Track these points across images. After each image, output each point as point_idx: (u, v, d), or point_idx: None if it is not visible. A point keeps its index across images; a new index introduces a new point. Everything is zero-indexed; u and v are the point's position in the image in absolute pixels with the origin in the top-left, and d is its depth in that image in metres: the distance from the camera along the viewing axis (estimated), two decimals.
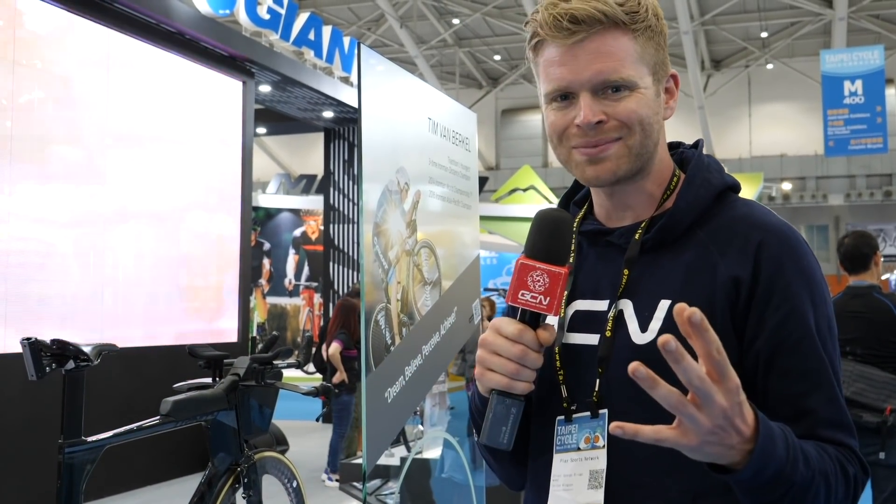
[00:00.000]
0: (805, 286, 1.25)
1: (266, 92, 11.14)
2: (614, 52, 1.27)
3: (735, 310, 1.24)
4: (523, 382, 1.24)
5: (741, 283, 1.24)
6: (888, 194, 31.02)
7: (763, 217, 1.30)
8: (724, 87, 31.42)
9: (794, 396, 1.21)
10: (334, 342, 7.80)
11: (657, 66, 1.33)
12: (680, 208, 1.31)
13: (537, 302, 1.22)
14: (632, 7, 1.28)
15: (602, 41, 1.26)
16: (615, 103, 1.27)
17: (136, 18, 7.94)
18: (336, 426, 7.95)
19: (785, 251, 1.25)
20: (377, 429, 3.33)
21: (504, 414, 1.25)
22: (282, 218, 20.87)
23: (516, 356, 1.23)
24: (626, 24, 1.27)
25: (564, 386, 1.33)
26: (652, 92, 1.30)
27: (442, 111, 4.01)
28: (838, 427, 1.22)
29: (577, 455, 1.30)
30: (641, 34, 1.29)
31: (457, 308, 4.13)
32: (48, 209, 6.93)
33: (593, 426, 1.29)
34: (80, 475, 3.27)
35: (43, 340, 3.31)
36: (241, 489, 3.98)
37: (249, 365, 4.00)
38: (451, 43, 30.06)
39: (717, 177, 1.35)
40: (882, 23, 27.61)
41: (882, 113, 19.11)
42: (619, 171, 1.29)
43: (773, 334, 1.23)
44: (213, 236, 9.04)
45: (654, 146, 1.32)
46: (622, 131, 1.28)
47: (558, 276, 1.21)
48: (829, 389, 1.22)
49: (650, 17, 1.31)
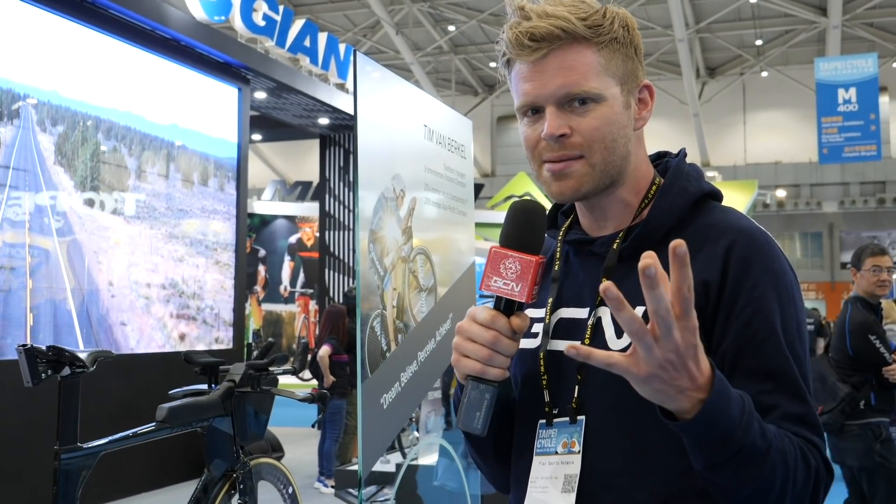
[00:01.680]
0: (772, 287, 1.25)
1: (261, 98, 11.15)
2: (577, 65, 1.28)
3: (705, 313, 1.24)
4: (496, 368, 1.26)
5: (710, 286, 1.25)
6: (882, 201, 31.12)
7: (734, 221, 1.31)
8: (719, 94, 31.51)
9: (758, 394, 1.21)
10: (324, 346, 7.85)
11: (626, 77, 1.33)
12: (655, 217, 1.33)
13: (509, 289, 1.25)
14: (595, 20, 1.29)
15: (564, 56, 1.29)
16: (580, 117, 1.29)
17: (132, 24, 7.94)
18: (329, 431, 7.95)
19: (752, 252, 1.26)
20: (373, 435, 3.33)
21: (478, 399, 1.27)
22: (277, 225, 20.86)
23: (489, 342, 1.25)
24: (588, 38, 1.29)
25: (547, 391, 1.35)
26: (620, 104, 1.32)
27: (438, 118, 4.03)
28: (803, 423, 1.22)
29: (554, 458, 1.32)
30: (606, 46, 1.30)
31: (452, 314, 4.14)
32: (41, 215, 6.92)
33: (571, 431, 1.32)
34: (75, 481, 3.27)
35: (39, 347, 3.32)
36: (237, 495, 3.98)
37: (245, 371, 4.00)
38: (447, 50, 30.12)
39: (694, 185, 1.36)
40: (876, 31, 27.72)
41: (876, 121, 19.20)
42: (581, 188, 1.32)
43: (738, 335, 1.24)
44: (209, 243, 9.04)
45: (621, 160, 1.33)
46: (584, 149, 1.30)
47: (529, 263, 1.24)
48: (793, 387, 1.23)
49: (616, 28, 1.31)
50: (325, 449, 7.96)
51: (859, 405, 4.83)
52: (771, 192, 31.44)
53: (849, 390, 4.84)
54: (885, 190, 31.45)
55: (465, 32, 28.90)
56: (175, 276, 8.49)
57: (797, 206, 32.19)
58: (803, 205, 32.20)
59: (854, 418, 4.83)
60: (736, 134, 32.72)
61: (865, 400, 4.82)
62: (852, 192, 31.90)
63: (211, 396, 3.89)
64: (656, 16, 26.32)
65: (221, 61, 9.30)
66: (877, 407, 4.87)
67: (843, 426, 4.83)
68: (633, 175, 1.37)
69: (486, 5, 26.44)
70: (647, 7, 25.81)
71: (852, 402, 4.81)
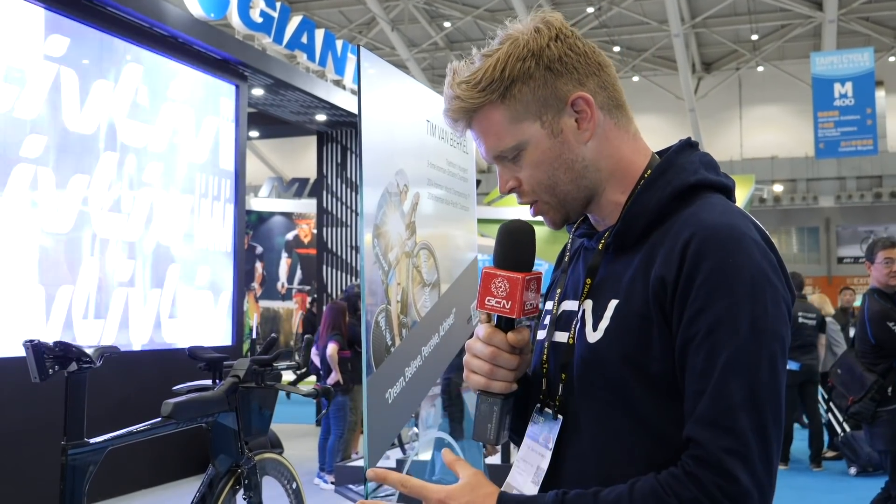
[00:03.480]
0: (722, 284, 1.20)
1: (259, 95, 11.14)
2: (489, 129, 1.35)
3: (664, 310, 1.24)
4: (500, 382, 1.35)
5: (667, 282, 1.24)
6: (878, 196, 31.16)
7: (703, 215, 1.27)
8: (715, 89, 31.51)
9: (692, 394, 1.20)
10: (330, 343, 7.86)
11: (543, 107, 1.33)
12: (631, 213, 1.33)
13: (501, 306, 1.33)
14: (487, 79, 1.33)
15: (477, 125, 1.37)
16: (518, 167, 1.37)
17: (129, 21, 7.94)
18: (333, 427, 7.97)
19: (707, 248, 1.22)
20: (378, 430, 3.35)
21: (488, 412, 1.36)
22: (274, 221, 20.87)
23: (488, 357, 1.34)
24: (488, 100, 1.34)
25: (545, 379, 1.40)
26: (545, 137, 1.34)
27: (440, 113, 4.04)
28: (708, 426, 1.17)
29: (536, 447, 1.38)
30: (507, 96, 1.33)
31: (455, 309, 4.16)
32: (43, 213, 6.92)
33: (550, 426, 1.36)
34: (82, 477, 3.28)
35: (45, 342, 3.32)
36: (241, 490, 3.99)
37: (249, 367, 4.01)
38: (443, 46, 30.09)
39: (681, 178, 1.33)
40: (872, 25, 27.74)
41: (872, 115, 19.22)
42: (557, 220, 1.41)
43: (683, 333, 1.22)
44: (207, 240, 9.04)
45: (572, 183, 1.36)
46: (532, 194, 1.38)
47: (516, 281, 1.32)
48: (718, 388, 1.17)
49: (509, 73, 1.32)
50: (329, 445, 7.97)
51: (887, 392, 4.98)
52: (767, 187, 31.46)
53: (875, 378, 5.00)
54: (881, 184, 31.48)
55: (461, 28, 28.88)
56: (173, 272, 8.49)
57: (793, 200, 32.22)
58: (800, 199, 32.24)
59: (884, 405, 4.98)
60: (732, 129, 32.74)
61: (893, 386, 4.98)
62: (849, 187, 31.93)
63: (216, 392, 3.90)
64: (652, 11, 26.32)
65: (219, 58, 9.29)
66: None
67: (874, 413, 4.98)
68: (613, 176, 1.37)
69: (482, 1, 26.44)
70: (643, 3, 25.82)
71: (881, 390, 4.98)
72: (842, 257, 31.58)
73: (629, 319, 1.26)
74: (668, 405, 1.24)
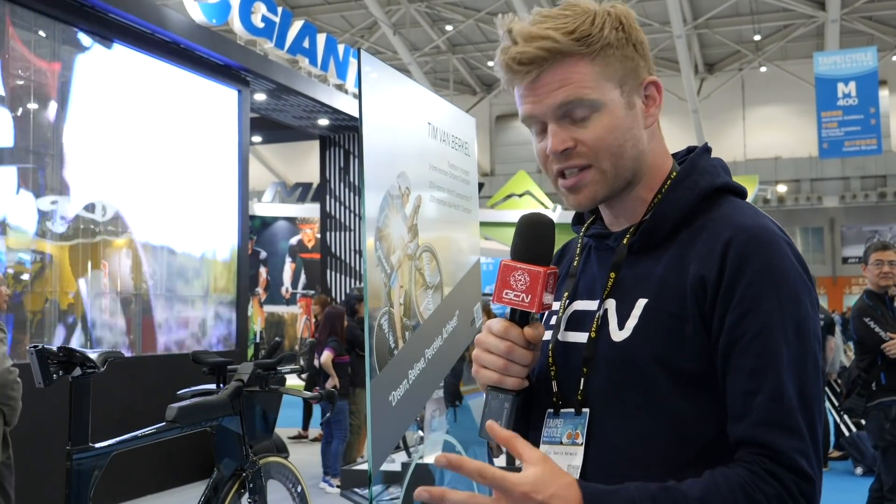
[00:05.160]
0: (768, 285, 1.23)
1: (261, 100, 11.15)
2: (571, 80, 1.29)
3: (703, 309, 1.25)
4: (513, 378, 1.31)
5: (707, 282, 1.25)
6: (882, 195, 31.13)
7: (740, 217, 1.29)
8: (718, 90, 31.50)
9: (741, 394, 1.21)
10: (326, 350, 7.89)
11: (625, 78, 1.33)
12: (662, 211, 1.34)
13: (520, 300, 1.30)
14: (583, 31, 1.29)
15: (556, 72, 1.29)
16: (583, 129, 1.30)
17: (131, 28, 7.96)
18: (336, 431, 7.99)
19: (750, 250, 1.24)
20: (382, 432, 3.34)
21: (498, 409, 1.32)
22: (278, 226, 20.85)
23: (504, 352, 1.31)
24: (577, 51, 1.29)
25: (555, 381, 1.38)
26: (621, 107, 1.32)
27: (441, 116, 4.04)
28: (777, 428, 1.19)
29: (559, 448, 1.35)
30: (599, 54, 1.30)
31: (458, 312, 4.15)
32: (46, 220, 6.94)
33: (576, 423, 1.34)
34: (87, 481, 3.28)
35: (50, 348, 3.33)
36: (246, 494, 3.99)
37: (253, 371, 4.01)
38: (445, 49, 30.13)
39: (706, 180, 1.36)
40: (875, 24, 27.72)
41: (876, 114, 19.19)
42: (596, 196, 1.34)
43: (729, 333, 1.23)
44: (211, 245, 9.05)
45: (633, 162, 1.34)
46: (591, 158, 1.31)
47: (537, 274, 1.29)
48: (776, 388, 1.20)
49: (607, 33, 1.30)
50: (332, 449, 7.99)
51: (872, 387, 5.14)
52: (771, 188, 31.44)
53: (858, 373, 5.20)
54: (885, 184, 31.45)
55: (463, 32, 28.91)
56: (177, 278, 8.50)
57: (798, 201, 32.19)
58: (804, 200, 32.21)
59: (872, 400, 5.16)
60: (735, 130, 32.72)
61: (876, 381, 5.15)
62: (853, 187, 31.90)
63: (220, 396, 3.90)
64: (654, 12, 26.31)
65: (221, 63, 9.31)
66: (887, 386, 5.16)
67: (865, 409, 5.18)
68: (648, 172, 1.38)
69: (483, 4, 26.44)
70: (645, 4, 25.81)
71: (866, 385, 5.15)
72: (846, 257, 31.52)
73: (660, 319, 1.27)
74: (696, 404, 1.25)
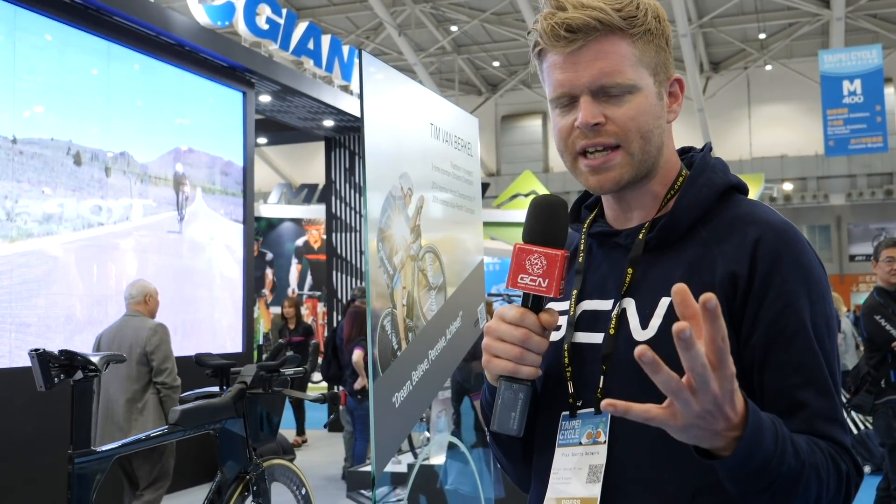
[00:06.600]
0: (802, 282, 1.25)
1: (266, 102, 11.15)
2: (612, 56, 1.28)
3: (732, 306, 1.24)
4: (529, 367, 1.27)
5: (738, 278, 1.25)
6: (889, 193, 31.03)
7: (763, 214, 1.30)
8: (724, 89, 31.45)
9: (787, 389, 1.22)
10: (356, 349, 7.83)
11: (658, 68, 1.33)
12: (682, 207, 1.33)
13: (536, 284, 1.25)
14: (629, 12, 1.29)
15: (600, 47, 1.28)
16: (615, 107, 1.29)
17: (136, 31, 7.96)
18: (360, 432, 7.97)
19: (782, 246, 1.26)
20: (385, 434, 3.33)
21: (512, 400, 1.27)
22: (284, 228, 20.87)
23: (519, 339, 1.26)
24: (623, 29, 1.29)
25: (571, 382, 1.34)
26: (654, 94, 1.32)
27: (444, 116, 4.02)
28: (832, 422, 1.22)
29: (578, 449, 1.31)
30: (640, 38, 1.30)
31: (462, 312, 4.14)
32: (51, 222, 6.94)
33: (596, 422, 1.31)
34: (90, 485, 3.27)
35: (51, 352, 3.32)
36: (250, 497, 3.98)
37: (256, 373, 4.01)
38: (450, 50, 30.11)
39: (720, 177, 1.36)
40: (880, 22, 27.64)
41: (881, 112, 19.12)
42: (622, 179, 1.32)
43: (767, 329, 1.23)
44: (217, 247, 9.05)
45: (656, 150, 1.33)
46: (620, 138, 1.29)
47: (555, 257, 1.24)
48: (822, 384, 1.23)
49: (649, 20, 1.31)
50: (357, 450, 7.98)
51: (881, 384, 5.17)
52: (777, 186, 31.37)
53: (867, 370, 5.22)
54: (892, 181, 31.35)
55: (468, 32, 28.89)
56: (183, 280, 8.50)
57: (804, 199, 32.11)
58: (810, 198, 32.13)
59: (880, 397, 5.19)
60: (741, 128, 32.66)
61: (885, 378, 5.17)
62: (859, 184, 31.80)
63: (223, 398, 3.90)
64: None
65: (226, 65, 9.31)
66: None
67: (873, 406, 5.21)
68: (664, 167, 1.37)
69: (488, 5, 26.43)
70: None
71: (875, 383, 5.17)
72: (854, 255, 31.44)
73: None
74: None
